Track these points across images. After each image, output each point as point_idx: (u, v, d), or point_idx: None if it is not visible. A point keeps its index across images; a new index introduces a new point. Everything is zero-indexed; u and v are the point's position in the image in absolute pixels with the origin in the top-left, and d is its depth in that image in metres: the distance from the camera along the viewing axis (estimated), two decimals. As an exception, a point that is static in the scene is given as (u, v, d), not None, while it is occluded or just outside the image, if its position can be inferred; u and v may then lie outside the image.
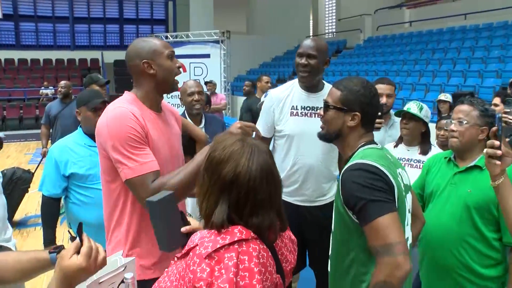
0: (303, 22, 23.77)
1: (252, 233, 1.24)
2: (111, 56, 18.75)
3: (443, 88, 10.67)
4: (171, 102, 12.10)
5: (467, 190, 2.17)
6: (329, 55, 18.15)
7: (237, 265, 1.16)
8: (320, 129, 1.85)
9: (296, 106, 2.75)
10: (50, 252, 1.38)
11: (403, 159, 2.98)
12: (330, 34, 25.37)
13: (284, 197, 2.73)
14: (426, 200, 2.41)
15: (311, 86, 2.76)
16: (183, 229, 1.54)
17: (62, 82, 6.28)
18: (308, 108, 2.75)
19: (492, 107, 2.98)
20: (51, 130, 6.15)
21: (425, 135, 3.00)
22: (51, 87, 17.20)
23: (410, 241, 1.75)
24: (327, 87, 2.79)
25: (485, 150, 1.75)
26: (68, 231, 1.47)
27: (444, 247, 2.22)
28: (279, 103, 2.77)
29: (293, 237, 1.47)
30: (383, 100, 3.21)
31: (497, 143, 1.71)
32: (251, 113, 6.03)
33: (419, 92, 10.92)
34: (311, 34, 25.91)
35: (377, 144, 1.78)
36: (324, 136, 1.83)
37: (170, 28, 22.14)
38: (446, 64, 12.36)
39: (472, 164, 2.20)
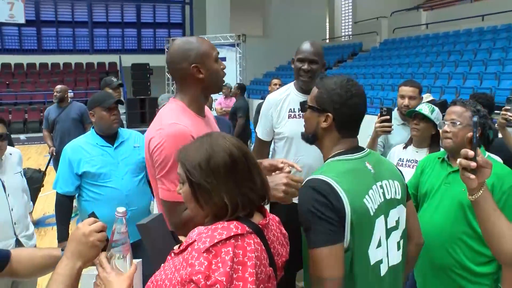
0: (319, 25, 23.81)
1: (247, 228, 1.27)
2: (129, 60, 18.97)
3: (459, 91, 10.60)
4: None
5: (461, 189, 2.15)
6: (345, 57, 18.00)
7: (233, 259, 1.20)
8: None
9: (294, 109, 2.79)
10: (62, 250, 1.42)
11: (412, 160, 2.97)
12: (347, 36, 25.32)
13: None
14: (420, 200, 2.44)
15: (308, 89, 2.72)
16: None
17: (58, 87, 6.35)
18: None
19: (503, 112, 3.16)
20: (52, 134, 6.32)
21: (435, 137, 2.96)
22: (71, 91, 17.48)
23: (386, 264, 1.61)
24: None
25: (458, 160, 1.50)
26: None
27: (439, 246, 2.24)
28: (277, 106, 2.81)
29: (284, 231, 1.49)
30: (405, 102, 3.33)
31: (471, 153, 1.45)
32: None
33: (434, 94, 10.79)
34: (327, 36, 25.90)
35: (356, 151, 1.63)
36: (304, 136, 1.74)
37: (187, 32, 22.33)
38: (462, 66, 12.26)
39: None
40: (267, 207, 3.06)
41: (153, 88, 15.99)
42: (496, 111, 2.15)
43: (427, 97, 6.07)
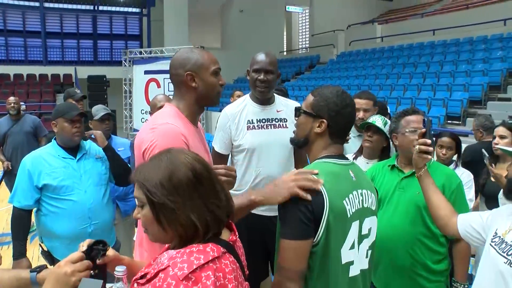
0: (276, 37, 24.07)
1: (222, 248, 1.23)
2: (85, 72, 18.49)
3: (414, 102, 10.96)
4: (145, 117, 12.08)
5: (415, 192, 2.31)
6: (303, 69, 18.17)
7: (215, 283, 1.15)
8: (293, 134, 1.85)
9: (252, 120, 2.80)
10: (30, 271, 1.37)
11: None
12: (304, 49, 25.73)
13: None
14: None
15: (264, 100, 2.83)
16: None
17: (12, 98, 6.09)
18: (263, 121, 2.81)
19: (497, 139, 3.65)
20: (2, 147, 6.06)
21: (386, 150, 3.02)
22: (23, 103, 16.89)
23: (357, 267, 1.68)
24: (277, 98, 2.91)
25: (417, 146, 2.05)
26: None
27: (401, 247, 2.34)
28: (234, 119, 2.81)
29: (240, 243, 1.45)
30: (360, 114, 3.30)
31: (428, 141, 2.03)
32: None
33: (391, 105, 11.18)
34: (285, 49, 26.23)
35: (342, 158, 1.73)
36: (293, 141, 1.81)
37: (144, 44, 22.06)
38: (416, 78, 12.73)
39: None
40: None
41: (110, 101, 15.64)
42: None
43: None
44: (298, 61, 22.06)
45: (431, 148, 2.03)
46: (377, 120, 2.96)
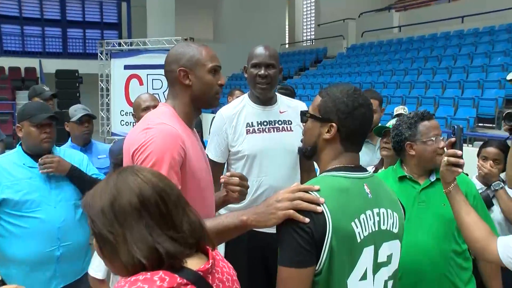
0: (277, 28, 24.10)
1: (179, 279, 1.18)
2: (52, 65, 18.27)
3: (437, 102, 10.90)
4: (125, 119, 12.00)
5: (440, 204, 2.35)
6: (307, 65, 18.22)
7: None
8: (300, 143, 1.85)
9: (252, 123, 2.84)
10: None
11: None
12: (309, 41, 25.74)
13: None
14: None
15: (265, 99, 2.87)
16: None
17: None
18: (265, 123, 2.86)
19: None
20: None
21: None
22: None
23: None
24: (280, 98, 2.97)
25: (445, 158, 2.06)
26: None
27: (428, 271, 2.34)
28: (231, 121, 2.84)
29: (231, 271, 1.47)
30: None
31: (459, 152, 2.04)
32: None
33: (410, 106, 11.08)
34: (287, 41, 26.23)
35: (357, 170, 1.69)
36: (301, 151, 1.82)
37: (123, 34, 22.01)
38: (441, 74, 12.66)
39: (433, 178, 2.46)
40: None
41: (84, 100, 15.46)
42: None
43: (398, 110, 6.13)
44: (302, 55, 22.07)
45: (462, 160, 2.04)
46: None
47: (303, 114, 1.79)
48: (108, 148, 4.02)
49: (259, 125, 2.84)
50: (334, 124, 1.67)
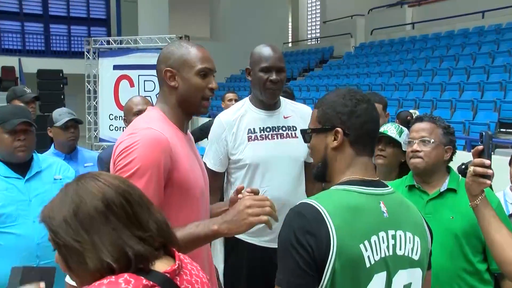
0: (280, 25, 24.16)
1: (145, 281, 1.24)
2: (33, 64, 18.27)
3: (454, 105, 10.87)
4: (114, 124, 11.97)
5: (449, 217, 2.37)
6: (312, 65, 18.22)
7: None
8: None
9: (254, 129, 2.84)
10: None
11: None
12: (314, 40, 25.78)
13: (247, 239, 2.85)
14: None
15: (269, 104, 2.88)
16: None
17: None
18: (268, 129, 2.87)
19: None
20: None
21: (405, 166, 2.91)
22: None
23: None
24: (284, 102, 3.00)
25: (471, 168, 1.99)
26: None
27: None
28: (232, 128, 2.84)
29: (200, 273, 1.51)
30: None
31: (487, 162, 1.97)
32: None
33: (423, 109, 11.06)
34: (290, 40, 26.27)
35: (373, 185, 1.64)
36: (313, 173, 1.79)
37: (113, 31, 22.07)
38: (458, 75, 12.66)
39: (444, 188, 2.46)
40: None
41: (69, 103, 15.42)
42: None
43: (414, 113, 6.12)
44: (307, 54, 22.16)
45: (490, 171, 1.97)
46: (390, 128, 2.96)
47: (304, 132, 1.78)
48: (95, 155, 4.08)
49: (262, 132, 2.85)
50: (339, 129, 1.65)
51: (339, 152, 1.67)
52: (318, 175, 1.75)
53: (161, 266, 1.33)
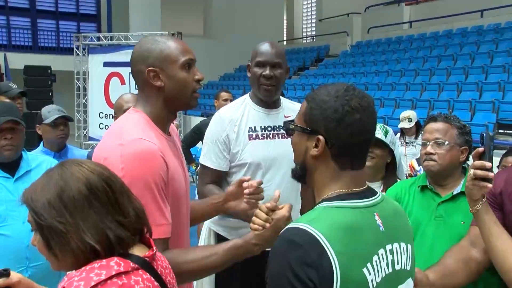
0: (275, 24, 24.16)
1: (132, 263, 1.34)
2: (19, 60, 18.18)
3: (452, 105, 10.89)
4: (104, 122, 11.94)
5: (459, 222, 2.34)
6: (307, 64, 18.23)
7: None
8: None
9: (255, 128, 2.86)
10: None
11: None
12: (309, 38, 25.79)
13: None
14: None
15: (270, 102, 2.89)
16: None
17: None
18: (269, 129, 2.89)
19: None
20: None
21: (391, 167, 3.02)
22: None
23: None
24: (284, 101, 3.02)
25: (471, 171, 1.94)
26: None
27: None
28: (233, 126, 2.85)
29: (165, 262, 1.57)
30: None
31: (488, 164, 1.93)
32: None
33: (420, 110, 11.07)
34: (284, 38, 26.27)
35: (367, 196, 1.51)
36: (293, 171, 1.64)
37: (103, 27, 22.04)
38: (456, 75, 12.69)
39: (457, 191, 2.41)
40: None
41: (57, 100, 15.38)
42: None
43: (404, 114, 6.05)
44: (302, 53, 22.15)
45: (491, 174, 1.93)
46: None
47: (287, 125, 1.59)
48: (85, 154, 4.06)
49: (263, 131, 2.87)
50: (320, 137, 1.46)
51: (320, 162, 1.50)
52: (295, 176, 1.62)
53: (138, 251, 1.42)
